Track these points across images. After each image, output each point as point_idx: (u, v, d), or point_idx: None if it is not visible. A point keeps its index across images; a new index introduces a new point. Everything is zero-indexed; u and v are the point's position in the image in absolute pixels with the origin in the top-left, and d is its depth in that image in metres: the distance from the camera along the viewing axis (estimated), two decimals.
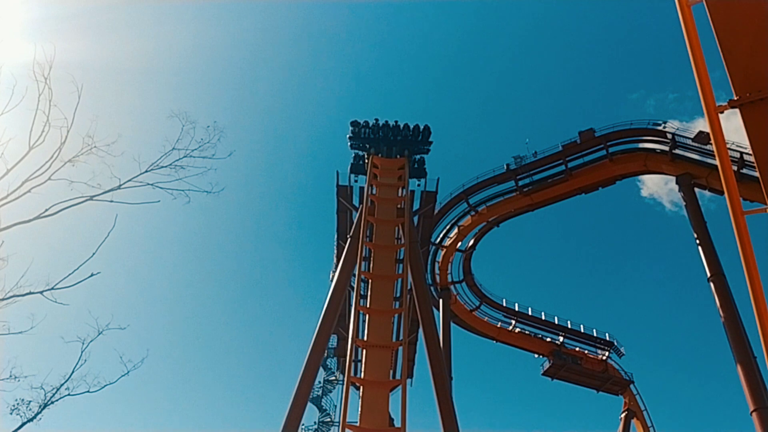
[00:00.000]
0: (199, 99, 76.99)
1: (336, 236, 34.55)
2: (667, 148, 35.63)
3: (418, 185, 33.42)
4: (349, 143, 33.83)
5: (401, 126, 33.86)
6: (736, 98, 7.35)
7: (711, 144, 14.88)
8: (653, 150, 36.74)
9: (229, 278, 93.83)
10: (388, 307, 28.49)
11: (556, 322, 46.37)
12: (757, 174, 7.18)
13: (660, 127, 36.65)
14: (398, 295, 30.72)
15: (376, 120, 33.99)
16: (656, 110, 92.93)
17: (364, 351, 26.52)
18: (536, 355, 46.35)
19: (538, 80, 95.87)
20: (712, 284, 30.31)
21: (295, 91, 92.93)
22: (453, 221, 41.03)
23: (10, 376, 15.09)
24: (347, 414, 22.87)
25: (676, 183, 35.44)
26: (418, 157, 33.82)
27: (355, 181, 33.33)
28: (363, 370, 26.17)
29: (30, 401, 15.23)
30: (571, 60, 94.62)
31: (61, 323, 16.70)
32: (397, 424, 23.87)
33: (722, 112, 7.50)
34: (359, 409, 24.52)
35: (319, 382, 37.30)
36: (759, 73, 7.34)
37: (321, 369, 34.54)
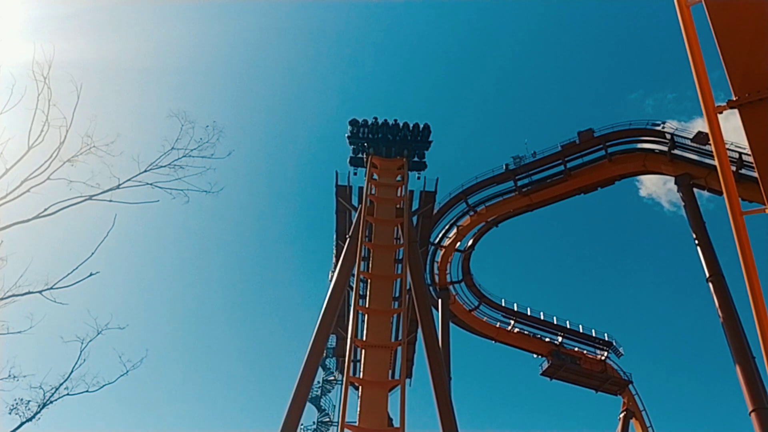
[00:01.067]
0: (198, 99, 77.00)
1: (335, 236, 34.53)
2: (666, 149, 35.62)
3: (418, 178, 33.46)
4: (348, 143, 33.84)
5: (401, 125, 33.78)
6: (735, 99, 7.36)
7: (710, 144, 14.91)
8: (652, 150, 36.73)
9: (228, 278, 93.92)
10: (387, 307, 28.51)
11: (555, 322, 46.36)
12: (755, 174, 7.19)
13: (659, 128, 36.65)
14: (397, 295, 30.71)
15: (375, 119, 33.91)
16: (655, 110, 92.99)
17: (363, 351, 26.53)
18: (535, 355, 46.35)
19: (538, 80, 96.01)
20: (711, 284, 30.30)
21: (295, 91, 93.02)
22: (452, 221, 41.03)
23: (9, 375, 15.08)
24: (346, 414, 22.93)
25: (675, 183, 35.42)
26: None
27: (354, 173, 33.33)
28: (362, 370, 26.17)
29: (29, 401, 15.21)
30: (570, 60, 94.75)
31: (60, 323, 16.71)
32: (396, 424, 23.89)
33: (721, 113, 7.51)
34: (358, 409, 24.53)
35: (318, 382, 37.26)
36: (758, 73, 7.35)
37: (320, 369, 34.50)
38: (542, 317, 46.20)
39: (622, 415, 45.40)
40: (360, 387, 25.57)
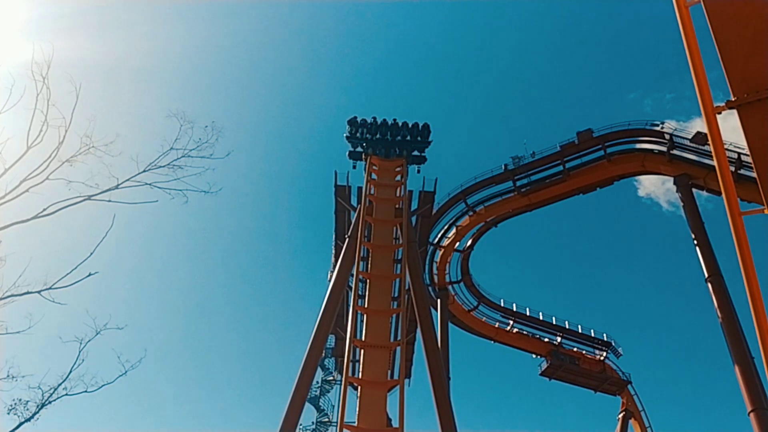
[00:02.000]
0: (197, 99, 76.95)
1: (334, 236, 34.53)
2: (664, 149, 35.64)
3: (418, 172, 33.47)
4: (347, 142, 33.82)
5: (400, 124, 33.74)
6: (733, 99, 7.36)
7: (709, 144, 14.93)
8: (651, 150, 36.75)
9: (227, 278, 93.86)
10: (386, 307, 28.52)
11: (554, 322, 46.35)
12: (754, 175, 7.20)
13: (658, 128, 36.65)
14: (396, 295, 30.68)
15: (374, 118, 33.88)
16: (653, 110, 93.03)
17: (362, 351, 26.54)
18: (534, 356, 46.34)
19: (537, 80, 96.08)
20: (709, 285, 30.30)
21: (295, 91, 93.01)
22: (451, 221, 41.00)
23: (8, 375, 15.11)
24: (345, 414, 22.93)
25: (674, 183, 35.40)
26: None
27: (354, 167, 33.34)
28: (361, 370, 26.19)
29: (28, 401, 15.26)
30: (569, 60, 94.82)
31: (58, 323, 16.72)
32: (395, 424, 23.88)
33: (720, 113, 7.52)
34: (357, 409, 24.54)
35: (317, 382, 37.28)
36: (756, 74, 7.35)
37: (319, 369, 34.51)
38: (541, 317, 46.21)
39: (621, 416, 45.38)
40: (359, 387, 25.56)
